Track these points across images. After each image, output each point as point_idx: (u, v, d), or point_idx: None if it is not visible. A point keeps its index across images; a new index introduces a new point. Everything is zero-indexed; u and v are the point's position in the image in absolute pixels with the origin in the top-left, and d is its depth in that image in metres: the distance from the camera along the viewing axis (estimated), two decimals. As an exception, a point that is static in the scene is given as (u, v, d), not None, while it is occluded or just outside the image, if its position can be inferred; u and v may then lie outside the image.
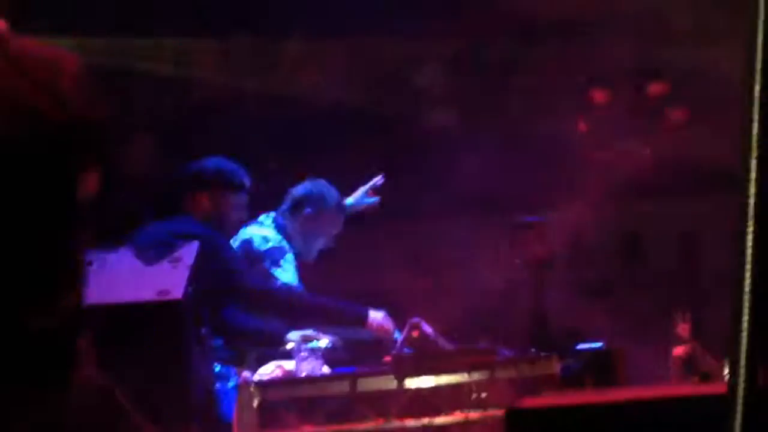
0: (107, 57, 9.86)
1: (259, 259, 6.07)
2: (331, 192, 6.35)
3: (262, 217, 6.28)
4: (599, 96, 8.97)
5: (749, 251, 1.94)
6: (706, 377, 4.80)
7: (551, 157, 8.43)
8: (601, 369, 5.25)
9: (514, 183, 8.34)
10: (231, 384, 5.59)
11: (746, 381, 1.94)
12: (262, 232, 6.17)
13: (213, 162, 6.04)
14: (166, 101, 10.23)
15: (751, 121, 1.91)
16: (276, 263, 6.08)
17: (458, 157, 9.00)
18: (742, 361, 1.95)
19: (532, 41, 9.25)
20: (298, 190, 6.35)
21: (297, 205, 6.27)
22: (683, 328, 5.47)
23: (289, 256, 6.13)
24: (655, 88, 8.81)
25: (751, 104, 1.91)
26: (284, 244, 6.17)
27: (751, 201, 1.94)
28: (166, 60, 9.97)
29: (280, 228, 6.24)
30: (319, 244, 6.33)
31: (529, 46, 9.26)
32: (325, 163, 7.43)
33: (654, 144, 8.60)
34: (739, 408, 1.93)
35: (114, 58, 9.83)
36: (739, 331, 1.96)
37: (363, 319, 5.88)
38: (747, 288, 1.94)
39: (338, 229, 6.37)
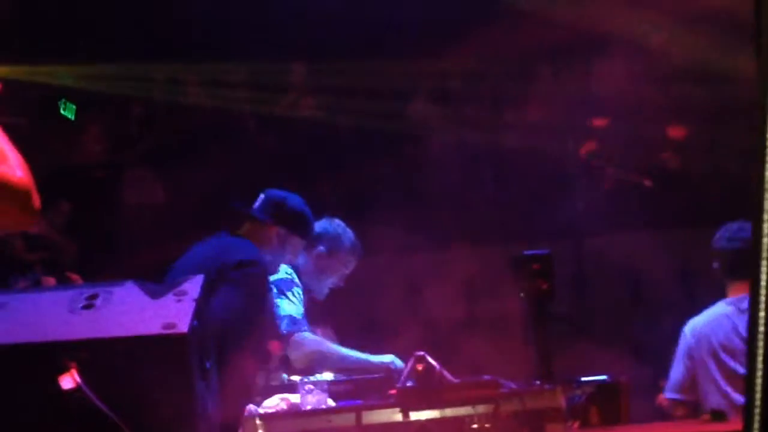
0: (106, 84, 9.90)
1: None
2: (347, 233, 6.33)
3: None
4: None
5: (763, 291, 1.94)
6: (717, 416, 4.80)
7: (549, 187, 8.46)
8: (606, 401, 5.25)
9: (515, 215, 8.36)
10: None
11: (761, 420, 1.95)
12: None
13: (299, 202, 5.90)
14: (164, 127, 10.27)
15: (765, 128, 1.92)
16: (282, 293, 6.07)
17: (458, 188, 9.02)
18: (757, 402, 1.96)
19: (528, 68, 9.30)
20: (314, 227, 6.20)
21: (311, 242, 6.18)
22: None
23: (297, 290, 6.12)
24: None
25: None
26: (294, 277, 6.16)
27: (765, 240, 1.95)
28: (161, 87, 10.00)
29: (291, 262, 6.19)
30: (330, 282, 6.31)
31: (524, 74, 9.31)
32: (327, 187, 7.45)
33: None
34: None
35: (111, 84, 9.87)
36: (754, 370, 1.96)
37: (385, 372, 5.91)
38: (761, 330, 1.95)
39: (350, 269, 6.35)
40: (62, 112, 10.33)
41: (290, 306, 6.05)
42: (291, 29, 9.59)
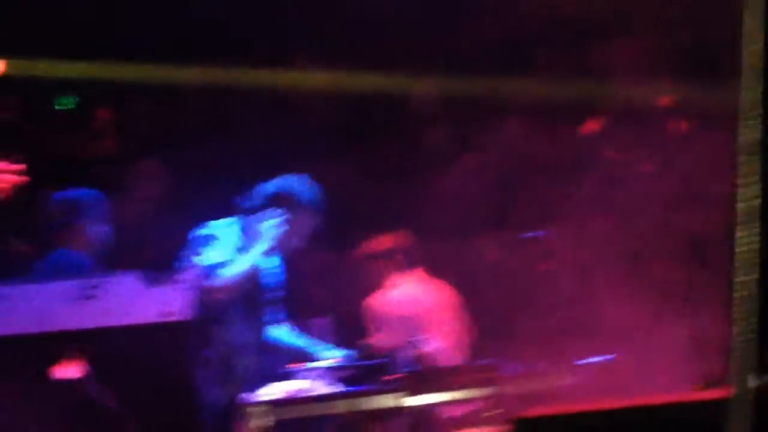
0: (105, 81, 9.91)
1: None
2: (306, 189, 5.97)
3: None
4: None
5: (746, 255, 1.95)
6: (709, 384, 4.80)
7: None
8: (608, 381, 5.26)
9: (518, 200, 8.35)
10: None
11: (745, 385, 1.96)
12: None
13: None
14: (163, 122, 10.28)
15: (749, 124, 1.93)
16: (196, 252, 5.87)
17: (460, 173, 9.02)
18: (743, 366, 1.97)
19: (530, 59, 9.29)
20: (268, 188, 6.00)
21: (267, 204, 5.91)
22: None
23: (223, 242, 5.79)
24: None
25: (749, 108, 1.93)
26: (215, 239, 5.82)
27: (748, 205, 1.95)
28: (160, 83, 10.01)
29: (245, 230, 5.90)
30: (294, 242, 5.92)
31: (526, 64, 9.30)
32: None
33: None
34: (741, 411, 1.95)
35: (110, 83, 9.88)
36: (739, 337, 1.97)
37: None
38: (746, 292, 1.96)
39: (312, 227, 5.95)
40: (59, 106, 10.34)
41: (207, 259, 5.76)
42: (291, 20, 9.60)
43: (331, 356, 5.74)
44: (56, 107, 10.28)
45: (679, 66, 8.33)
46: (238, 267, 5.71)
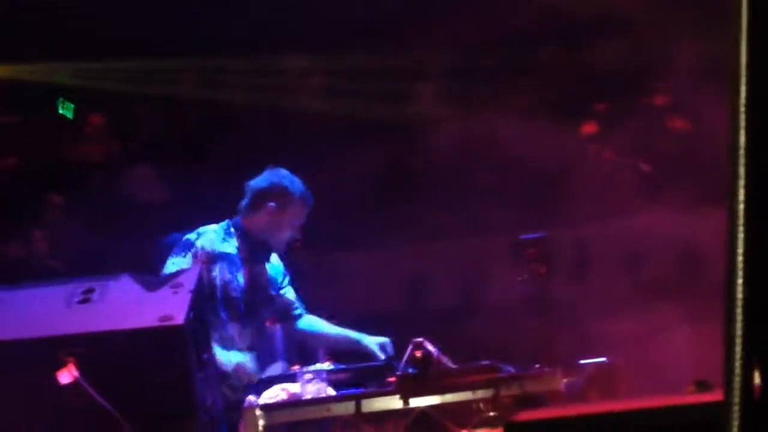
0: (106, 81, 9.92)
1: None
2: (295, 183, 5.95)
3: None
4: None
5: (740, 257, 1.94)
6: (702, 386, 4.79)
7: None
8: (605, 383, 5.25)
9: (516, 203, 8.35)
10: None
11: (742, 388, 1.94)
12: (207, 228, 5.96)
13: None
14: (163, 120, 10.29)
15: (738, 126, 1.92)
16: (176, 253, 5.82)
17: (460, 176, 9.01)
18: (737, 369, 1.95)
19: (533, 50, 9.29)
20: (258, 182, 6.00)
21: (258, 200, 5.94)
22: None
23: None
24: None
25: (738, 109, 1.92)
26: (201, 241, 5.82)
27: (741, 206, 1.94)
28: (158, 81, 10.01)
29: (238, 230, 5.92)
30: (286, 236, 5.93)
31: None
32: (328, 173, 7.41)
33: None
34: (736, 415, 1.93)
35: (114, 82, 9.89)
36: (733, 338, 1.96)
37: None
38: (739, 294, 1.95)
39: (303, 220, 5.96)
40: (61, 110, 10.35)
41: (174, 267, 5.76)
42: (291, 20, 9.60)
43: (371, 342, 5.79)
44: (59, 111, 10.28)
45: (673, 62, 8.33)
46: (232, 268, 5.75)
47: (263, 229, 5.93)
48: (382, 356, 5.79)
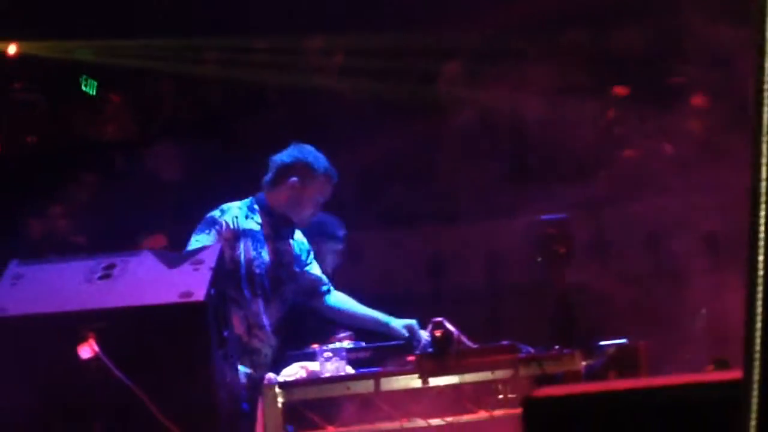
0: (129, 58, 9.92)
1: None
2: (319, 159, 5.93)
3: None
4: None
5: (761, 235, 1.93)
6: (721, 365, 4.79)
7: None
8: (625, 364, 5.24)
9: (537, 183, 8.33)
10: None
11: (762, 366, 1.94)
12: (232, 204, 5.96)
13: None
14: (187, 100, 10.29)
15: (761, 103, 1.90)
16: (200, 230, 5.80)
17: (481, 157, 9.00)
18: (757, 347, 1.94)
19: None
20: (282, 157, 5.99)
21: (281, 175, 5.93)
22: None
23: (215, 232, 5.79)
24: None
25: (762, 86, 1.91)
26: (225, 218, 5.82)
27: (763, 184, 1.93)
28: (183, 60, 10.02)
29: (261, 206, 5.90)
30: (309, 212, 5.94)
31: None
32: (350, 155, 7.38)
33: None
34: (755, 393, 1.93)
35: (133, 59, 9.89)
36: (753, 316, 1.95)
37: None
38: (761, 274, 1.93)
39: (327, 196, 5.97)
40: (83, 88, 10.36)
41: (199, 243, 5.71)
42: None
43: (399, 325, 5.76)
44: (82, 88, 10.29)
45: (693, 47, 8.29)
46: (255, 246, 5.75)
47: (285, 204, 5.90)
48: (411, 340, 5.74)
